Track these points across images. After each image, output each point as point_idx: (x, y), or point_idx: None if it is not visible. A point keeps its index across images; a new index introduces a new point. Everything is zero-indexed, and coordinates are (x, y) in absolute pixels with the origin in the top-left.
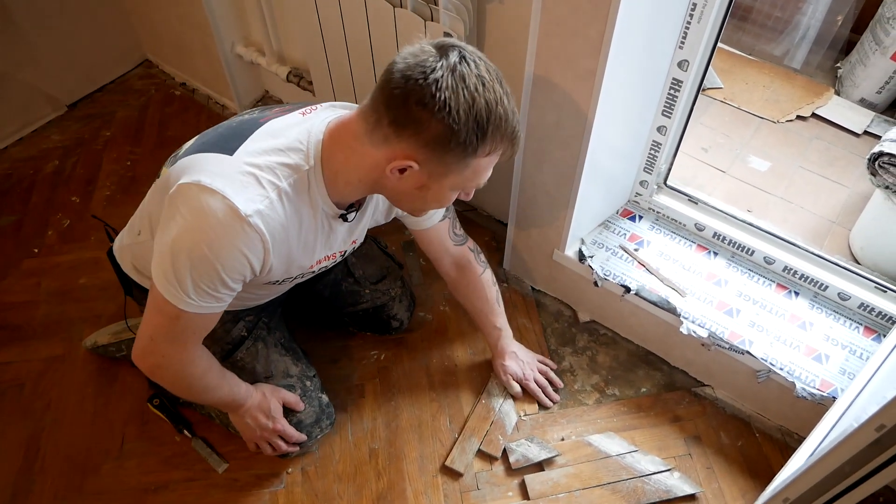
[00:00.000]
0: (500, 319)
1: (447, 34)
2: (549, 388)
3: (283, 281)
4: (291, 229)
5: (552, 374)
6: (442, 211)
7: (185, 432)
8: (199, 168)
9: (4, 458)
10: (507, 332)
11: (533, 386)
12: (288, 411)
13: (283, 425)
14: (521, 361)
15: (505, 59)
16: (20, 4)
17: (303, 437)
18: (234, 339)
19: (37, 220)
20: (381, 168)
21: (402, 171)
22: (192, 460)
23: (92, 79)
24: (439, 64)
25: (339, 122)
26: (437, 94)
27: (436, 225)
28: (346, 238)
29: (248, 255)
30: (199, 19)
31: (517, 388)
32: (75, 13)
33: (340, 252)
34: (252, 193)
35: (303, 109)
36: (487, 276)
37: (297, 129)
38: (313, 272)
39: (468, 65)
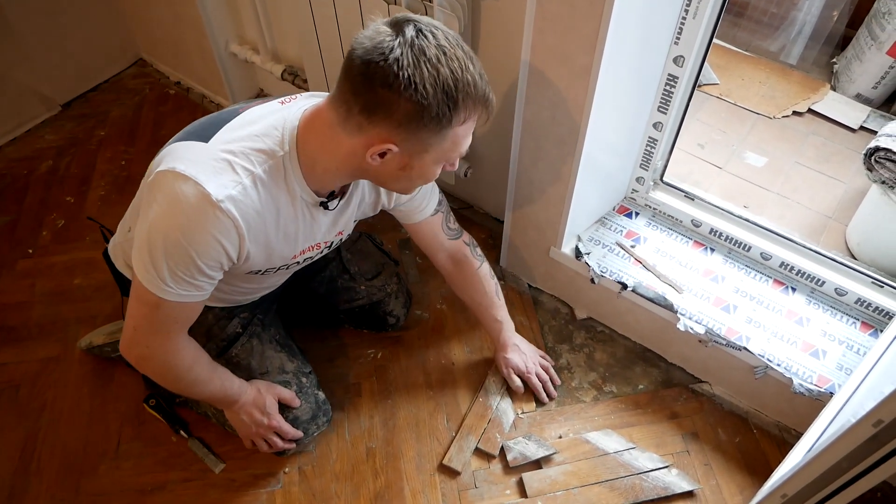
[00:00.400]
0: (501, 312)
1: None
2: (549, 384)
3: (265, 271)
4: (268, 216)
5: (552, 371)
6: (434, 204)
7: (182, 432)
8: (175, 156)
9: (0, 459)
10: (508, 324)
11: (535, 380)
12: (284, 408)
13: (279, 421)
14: (523, 354)
15: (500, 57)
16: (13, 4)
17: (299, 433)
18: (228, 335)
19: (31, 220)
20: (360, 155)
21: (381, 155)
22: (188, 460)
23: (86, 78)
24: (396, 42)
25: (314, 109)
26: (400, 73)
27: (428, 219)
28: (329, 228)
29: (222, 241)
30: (193, 18)
31: (519, 382)
32: (69, 12)
33: (325, 243)
34: (225, 179)
35: (282, 99)
36: (485, 270)
37: (274, 117)
38: (297, 262)
39: (426, 37)
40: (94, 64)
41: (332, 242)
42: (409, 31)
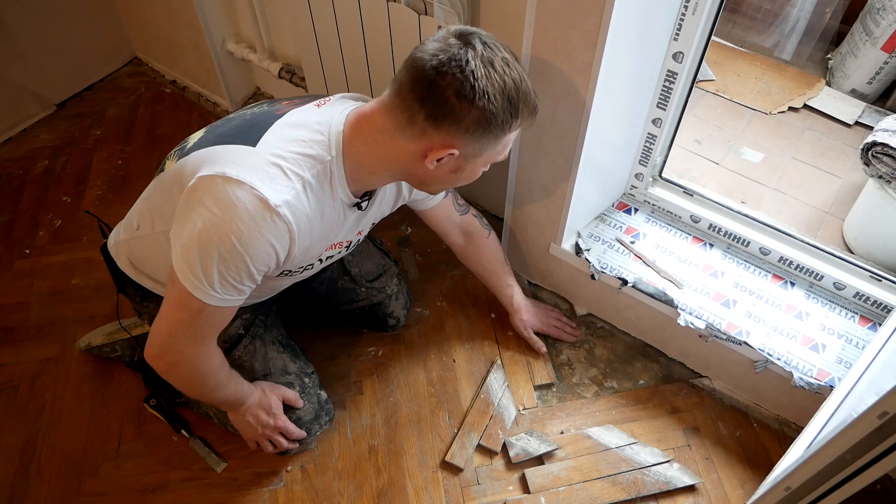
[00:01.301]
0: (511, 277)
1: (441, 28)
2: (567, 328)
3: (293, 272)
4: (315, 220)
5: (563, 318)
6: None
7: (183, 432)
8: (220, 160)
9: (0, 461)
10: (517, 287)
11: (555, 330)
12: (287, 408)
13: (284, 422)
14: (536, 311)
15: None
16: (8, 3)
17: (303, 433)
18: (231, 337)
19: (28, 220)
20: (416, 159)
21: (439, 159)
22: (190, 460)
23: (80, 77)
24: (469, 54)
25: (360, 114)
26: (476, 84)
27: (441, 202)
28: (353, 227)
29: (276, 246)
30: (189, 16)
31: (542, 345)
32: (63, 11)
33: (347, 242)
34: (279, 184)
35: (317, 101)
36: (493, 238)
37: (317, 120)
38: (320, 261)
39: (492, 49)
40: (88, 63)
41: (352, 242)
42: (478, 45)
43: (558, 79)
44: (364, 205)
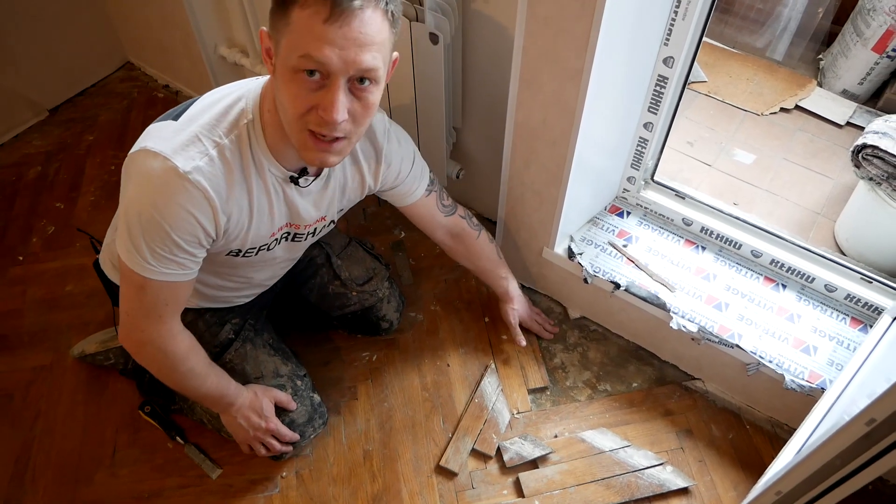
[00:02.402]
0: (506, 270)
1: (433, 35)
2: (547, 324)
3: (246, 252)
4: (238, 187)
5: (543, 315)
6: (425, 184)
7: (178, 439)
8: (146, 137)
9: None
10: (513, 278)
11: (536, 325)
12: (280, 411)
13: (276, 424)
14: (525, 305)
15: (491, 59)
16: (0, 7)
17: (296, 436)
18: (221, 341)
19: (21, 227)
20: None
21: (269, 56)
22: (185, 467)
23: (73, 82)
24: None
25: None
26: None
27: (422, 199)
28: (310, 212)
29: (194, 213)
30: (181, 21)
31: (523, 339)
32: (55, 16)
33: (308, 227)
34: (192, 151)
35: (249, 79)
36: (484, 237)
37: (238, 90)
38: (277, 240)
39: None
40: (81, 68)
41: (317, 229)
42: None
43: (549, 85)
44: (304, 182)
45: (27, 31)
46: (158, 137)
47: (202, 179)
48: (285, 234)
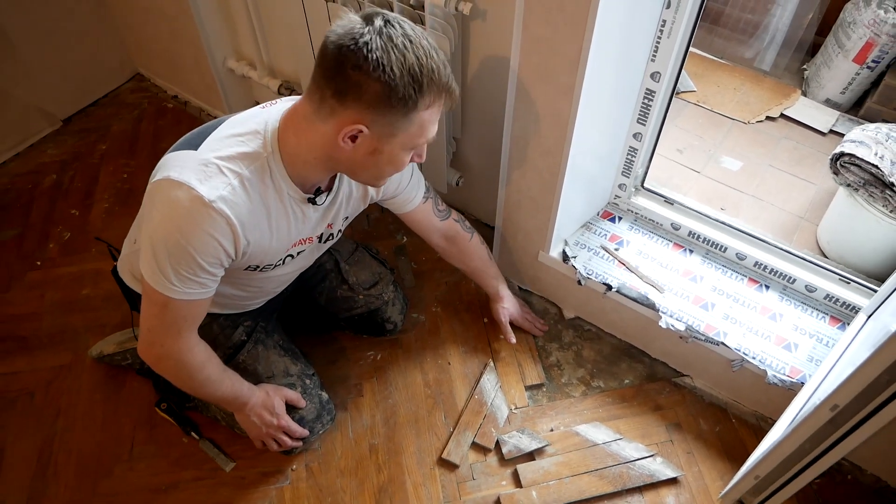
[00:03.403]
0: (496, 271)
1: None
2: (536, 322)
3: (263, 268)
4: (259, 214)
5: (534, 315)
6: (422, 192)
7: (193, 434)
8: (168, 166)
9: (19, 464)
10: (502, 278)
11: (526, 323)
12: (290, 409)
13: (287, 421)
14: (516, 304)
15: (488, 74)
16: (16, 22)
17: (306, 432)
18: (234, 343)
19: (38, 233)
20: (334, 140)
21: (353, 138)
22: (200, 460)
23: (85, 93)
24: (367, 29)
25: (291, 107)
26: (369, 56)
27: (419, 206)
28: (319, 223)
29: (218, 238)
30: (191, 35)
31: (512, 336)
32: (68, 30)
33: (317, 236)
34: (215, 182)
35: (263, 105)
36: (476, 239)
37: (256, 120)
38: (291, 256)
39: (393, 27)
40: (93, 79)
41: (324, 235)
42: (378, 21)
43: (543, 99)
44: (321, 199)
45: (42, 45)
46: (182, 167)
47: (226, 207)
48: (299, 250)
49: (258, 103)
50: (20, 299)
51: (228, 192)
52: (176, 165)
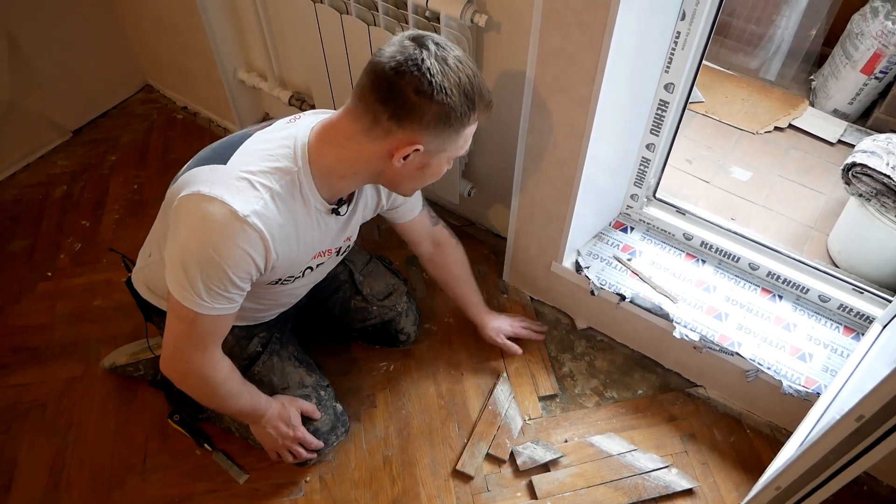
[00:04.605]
0: (476, 287)
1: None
2: (534, 327)
3: (286, 280)
4: (289, 228)
5: (528, 319)
6: (421, 201)
7: (206, 446)
8: (197, 180)
9: (31, 475)
10: (482, 301)
11: (524, 332)
12: (305, 420)
13: (303, 433)
14: (503, 318)
15: (503, 86)
16: (27, 34)
17: (321, 443)
18: (250, 354)
19: (48, 244)
20: (384, 159)
21: (405, 156)
22: (213, 472)
23: (95, 104)
24: (425, 54)
25: (325, 124)
26: (433, 80)
27: (419, 215)
28: (339, 234)
29: (251, 253)
30: (202, 47)
31: (517, 348)
32: (79, 42)
33: (336, 248)
34: (248, 196)
35: (289, 119)
36: (460, 247)
37: (284, 135)
38: (311, 269)
39: (444, 49)
40: (102, 91)
41: (342, 248)
42: (432, 45)
43: (558, 111)
44: (343, 210)
45: (53, 56)
46: (212, 182)
47: (258, 222)
48: (318, 262)
49: (268, 114)
50: (31, 310)
51: (261, 206)
52: (206, 180)
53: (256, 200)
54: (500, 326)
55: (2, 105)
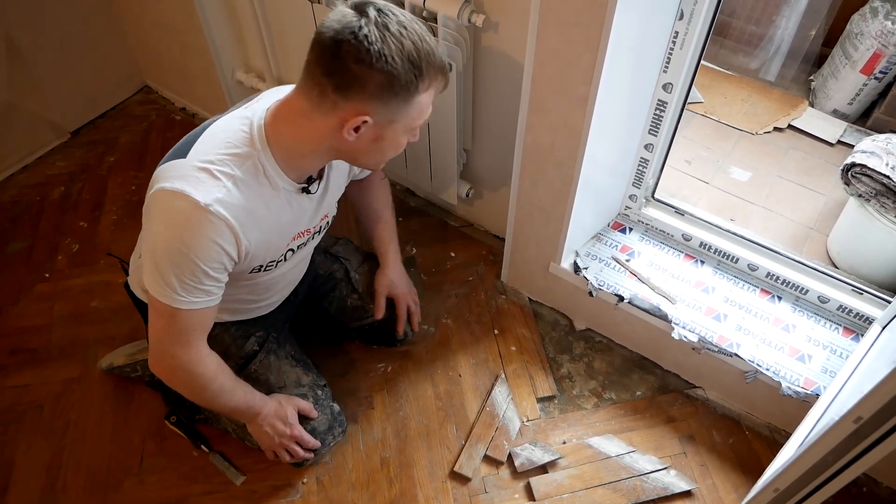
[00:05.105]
0: (393, 229)
1: (447, 63)
2: (413, 318)
3: (267, 266)
4: (259, 212)
5: (418, 308)
6: None
7: (203, 447)
8: (161, 177)
9: (28, 477)
10: (396, 244)
11: (403, 309)
12: (302, 420)
13: (300, 431)
14: (402, 282)
15: (501, 86)
16: (26, 35)
17: (318, 443)
18: (246, 353)
19: (46, 245)
20: (337, 132)
21: (356, 129)
22: (210, 474)
23: (93, 105)
24: (363, 21)
25: (279, 103)
26: (371, 48)
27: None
28: (315, 213)
29: (219, 242)
30: (201, 48)
31: (381, 309)
32: (77, 43)
33: (314, 227)
34: (208, 186)
35: (246, 101)
36: (386, 183)
37: (241, 119)
38: (293, 251)
39: (387, 15)
40: (101, 91)
41: (321, 227)
42: (372, 12)
43: (556, 111)
44: (314, 188)
45: (52, 57)
46: (174, 177)
47: (223, 210)
48: (299, 243)
49: None
50: (29, 312)
51: (224, 194)
52: (168, 176)
53: (218, 189)
54: (395, 281)
55: (0, 106)
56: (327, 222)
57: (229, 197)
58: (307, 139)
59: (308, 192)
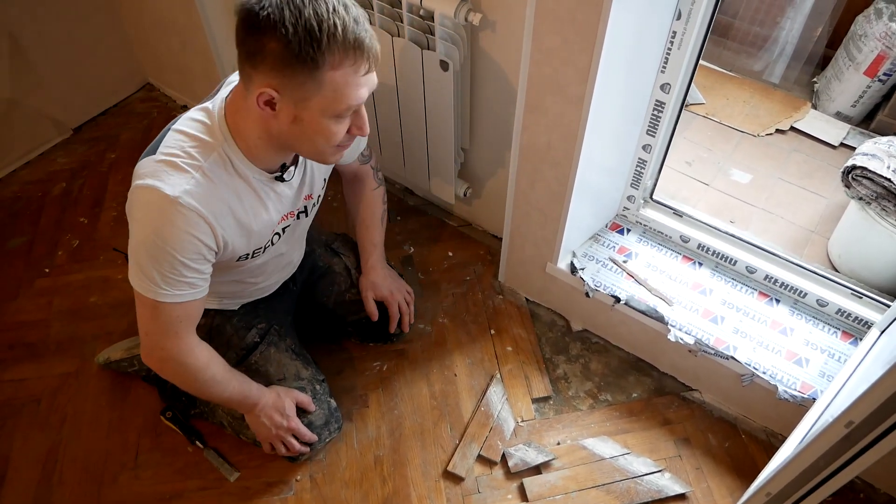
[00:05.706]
0: (379, 238)
1: (443, 62)
2: (406, 317)
3: (253, 254)
4: (231, 200)
5: (412, 307)
6: (362, 147)
7: (198, 443)
8: (136, 176)
9: (24, 470)
10: (380, 251)
11: (395, 308)
12: (299, 413)
13: (297, 423)
14: (388, 283)
15: (498, 85)
16: (29, 33)
17: (314, 436)
18: (247, 344)
19: (47, 240)
20: (258, 112)
21: (270, 105)
22: (204, 470)
23: (95, 102)
24: None
25: (233, 92)
26: (262, 13)
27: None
28: (296, 197)
29: (194, 233)
30: (202, 46)
31: (374, 312)
32: (80, 40)
33: (299, 210)
34: (175, 179)
35: (211, 93)
36: (379, 193)
37: (202, 113)
38: (279, 234)
39: None
40: (103, 89)
41: (305, 207)
42: None
43: (553, 110)
44: (289, 174)
45: (54, 55)
46: (145, 174)
47: (192, 201)
48: (284, 226)
49: None
50: (28, 306)
51: (192, 185)
52: (140, 174)
53: (186, 181)
54: (377, 283)
55: (2, 103)
56: (314, 203)
57: (198, 188)
58: (252, 123)
59: (282, 180)
